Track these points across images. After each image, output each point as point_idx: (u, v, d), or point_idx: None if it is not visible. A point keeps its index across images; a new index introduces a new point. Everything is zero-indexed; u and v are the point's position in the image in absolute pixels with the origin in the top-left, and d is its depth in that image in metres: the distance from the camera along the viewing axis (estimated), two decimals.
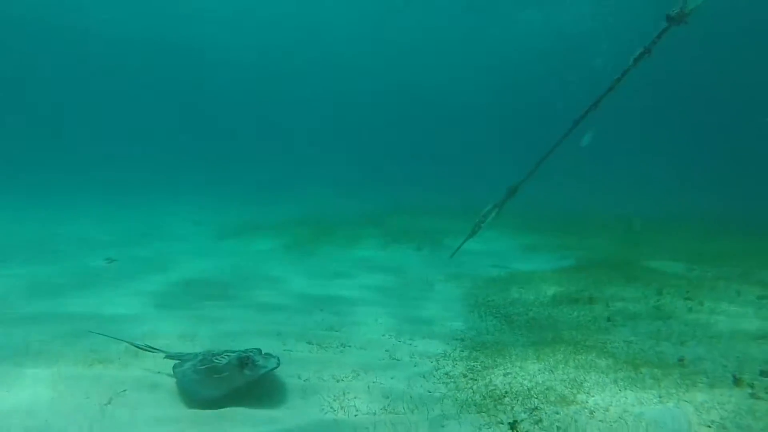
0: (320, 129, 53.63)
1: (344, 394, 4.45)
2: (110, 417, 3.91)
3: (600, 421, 3.91)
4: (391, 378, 4.86)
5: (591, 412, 4.03)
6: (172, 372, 4.61)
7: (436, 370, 5.06)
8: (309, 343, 5.81)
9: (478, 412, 4.12)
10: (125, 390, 4.32)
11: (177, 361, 4.70)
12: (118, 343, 5.23)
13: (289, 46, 48.97)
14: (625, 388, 4.45)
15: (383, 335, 6.22)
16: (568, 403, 4.20)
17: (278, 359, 4.42)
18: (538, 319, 6.83)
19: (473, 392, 4.49)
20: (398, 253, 12.89)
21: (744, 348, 5.43)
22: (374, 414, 4.13)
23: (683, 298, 7.54)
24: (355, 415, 4.10)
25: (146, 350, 4.99)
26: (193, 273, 9.70)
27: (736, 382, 4.48)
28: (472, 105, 50.01)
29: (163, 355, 4.89)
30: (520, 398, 4.32)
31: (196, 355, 4.72)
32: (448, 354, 5.54)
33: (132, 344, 5.08)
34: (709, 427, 3.74)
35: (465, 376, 4.89)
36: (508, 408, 4.15)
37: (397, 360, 5.39)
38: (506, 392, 4.43)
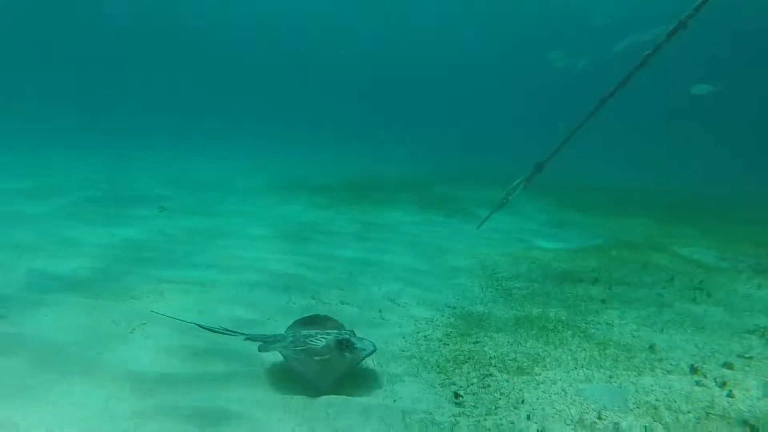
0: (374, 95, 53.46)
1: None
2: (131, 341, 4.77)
3: (543, 392, 4.28)
4: (373, 336, 5.41)
5: (538, 384, 4.41)
6: (259, 351, 4.46)
7: (417, 333, 5.55)
8: (312, 298, 6.48)
9: (437, 373, 4.60)
10: (145, 323, 5.18)
11: (261, 343, 4.52)
12: (147, 282, 6.13)
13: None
14: (582, 366, 4.76)
15: (383, 297, 6.77)
16: (522, 374, 4.59)
17: (373, 343, 4.33)
18: (535, 295, 7.10)
19: (440, 355, 4.96)
20: (425, 220, 13.28)
21: (726, 341, 5.50)
22: None
23: (693, 288, 7.50)
24: None
25: (222, 333, 4.80)
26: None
27: (693, 370, 4.66)
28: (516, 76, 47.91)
29: (242, 337, 4.74)
30: (480, 365, 4.75)
31: (283, 336, 4.57)
32: (434, 319, 6.01)
33: (204, 327, 4.93)
34: (640, 407, 4.03)
35: (440, 340, 5.36)
36: (465, 372, 4.60)
37: (386, 320, 5.94)
38: (469, 358, 4.87)
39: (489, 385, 4.34)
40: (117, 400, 3.85)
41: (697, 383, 4.44)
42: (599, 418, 3.88)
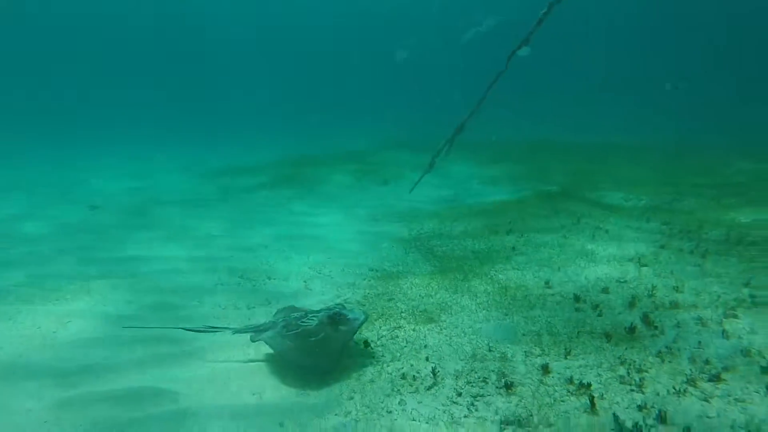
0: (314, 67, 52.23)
1: (249, 319, 5.38)
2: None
3: (445, 336, 4.77)
4: (295, 303, 5.76)
5: (441, 329, 4.90)
6: (252, 341, 4.42)
7: (337, 298, 5.94)
8: (240, 277, 6.73)
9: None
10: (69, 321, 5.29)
11: (251, 333, 4.40)
12: (72, 282, 6.18)
13: None
14: (483, 309, 5.31)
15: (309, 268, 7.10)
16: (429, 323, 5.07)
17: (363, 311, 4.35)
18: (454, 251, 7.63)
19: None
20: (362, 187, 13.63)
21: (611, 271, 6.21)
22: None
23: (594, 227, 8.26)
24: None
25: (207, 331, 4.58)
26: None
27: (576, 299, 5.31)
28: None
29: (231, 332, 4.54)
30: (391, 319, 5.19)
31: (273, 323, 4.43)
32: (355, 284, 6.41)
33: (189, 329, 4.68)
34: (527, 336, 4.61)
35: (358, 302, 5.77)
36: (377, 328, 5.04)
37: (310, 289, 6.29)
38: (382, 315, 5.31)
39: (397, 336, 4.80)
40: (38, 399, 4.02)
41: (576, 309, 5.08)
42: (489, 350, 4.41)
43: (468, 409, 3.57)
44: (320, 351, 3.98)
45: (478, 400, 3.66)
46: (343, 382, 3.98)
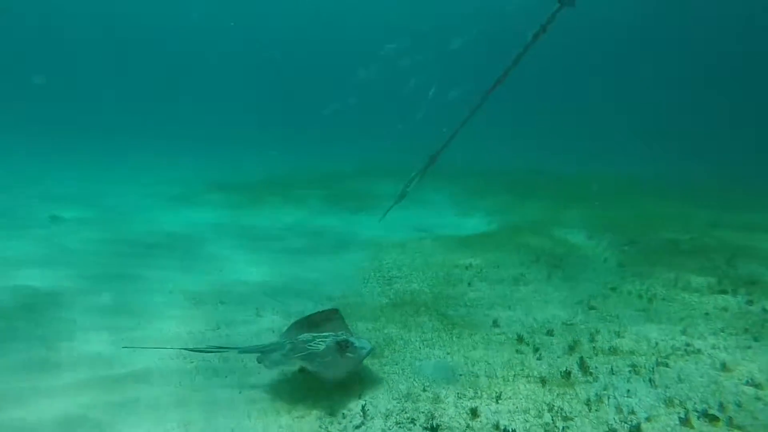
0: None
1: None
2: None
3: (383, 372, 4.79)
4: (244, 331, 5.72)
5: (382, 365, 4.91)
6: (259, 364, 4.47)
7: (286, 326, 5.92)
8: (193, 300, 6.68)
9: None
10: None
11: (258, 354, 4.47)
12: None
13: None
14: (427, 346, 5.33)
15: (265, 295, 7.07)
16: (370, 358, 5.07)
17: (369, 341, 4.52)
18: (411, 283, 7.67)
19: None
20: (333, 213, 13.68)
21: (560, 312, 6.30)
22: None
23: (552, 266, 8.39)
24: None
25: (213, 351, 4.67)
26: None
27: (519, 340, 5.37)
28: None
29: (236, 351, 4.63)
30: None
31: (281, 344, 4.52)
32: (305, 313, 6.38)
33: (193, 350, 4.74)
34: (464, 377, 4.64)
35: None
36: None
37: (260, 317, 6.26)
38: None
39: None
40: None
41: (518, 351, 5.14)
42: (424, 390, 4.43)
43: None
44: (333, 369, 4.12)
45: None
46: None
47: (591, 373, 4.63)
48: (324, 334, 4.55)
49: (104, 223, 11.35)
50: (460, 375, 4.69)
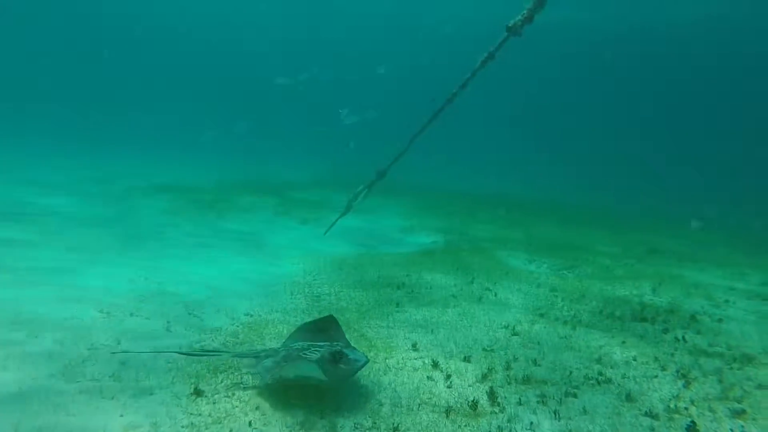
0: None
1: None
2: None
3: (283, 398, 4.52)
4: (155, 347, 5.33)
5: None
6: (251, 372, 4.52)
7: (197, 343, 5.56)
8: (101, 311, 6.22)
9: (191, 384, 4.65)
10: None
11: (252, 359, 4.50)
12: None
13: None
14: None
15: (184, 306, 6.68)
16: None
17: (365, 354, 4.50)
18: (340, 300, 7.44)
19: (203, 366, 5.00)
20: (279, 225, 13.33)
21: (482, 336, 6.20)
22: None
23: (485, 288, 8.34)
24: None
25: (206, 355, 4.73)
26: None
27: (435, 366, 5.20)
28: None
29: (228, 355, 4.71)
30: (235, 374, 4.86)
31: (275, 351, 4.55)
32: (222, 329, 6.06)
33: (185, 353, 4.81)
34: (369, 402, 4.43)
35: (224, 344, 5.44)
36: (219, 381, 4.70)
37: (171, 332, 5.87)
38: (230, 367, 4.97)
39: (232, 395, 4.47)
40: None
41: (429, 378, 4.97)
42: (321, 417, 4.18)
43: None
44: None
45: None
46: None
47: (499, 404, 4.50)
48: (319, 343, 4.55)
49: None
50: (364, 402, 4.47)
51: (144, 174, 20.02)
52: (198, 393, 4.38)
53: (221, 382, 4.65)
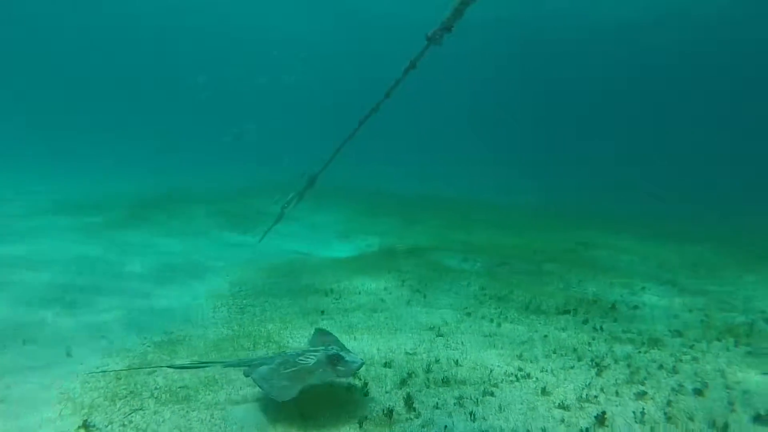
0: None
1: None
2: None
3: (196, 419, 4.21)
4: (46, 378, 4.85)
5: (187, 411, 4.33)
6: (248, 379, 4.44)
7: (98, 367, 5.12)
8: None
9: (89, 412, 4.24)
10: None
11: (246, 368, 4.50)
12: None
13: None
14: (248, 385, 4.82)
15: (90, 327, 6.17)
16: (176, 403, 4.46)
17: (361, 357, 4.47)
18: (264, 311, 7.14)
19: (105, 390, 4.60)
20: (216, 233, 12.80)
21: (406, 340, 6.10)
22: None
23: (414, 290, 8.28)
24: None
25: (197, 367, 4.88)
26: None
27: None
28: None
29: (220, 366, 4.78)
30: (135, 399, 4.50)
31: (270, 358, 4.55)
32: (132, 349, 5.64)
33: (176, 367, 4.97)
34: (282, 412, 4.20)
35: (115, 373, 5.02)
36: (117, 409, 4.32)
37: (70, 356, 5.39)
38: (129, 393, 4.60)
39: (130, 423, 4.12)
40: None
41: (347, 388, 4.79)
42: (242, 428, 3.92)
43: None
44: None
45: None
46: None
47: (415, 409, 4.39)
48: (316, 348, 4.56)
49: None
50: (276, 419, 4.23)
51: (39, 190, 18.73)
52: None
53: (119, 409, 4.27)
